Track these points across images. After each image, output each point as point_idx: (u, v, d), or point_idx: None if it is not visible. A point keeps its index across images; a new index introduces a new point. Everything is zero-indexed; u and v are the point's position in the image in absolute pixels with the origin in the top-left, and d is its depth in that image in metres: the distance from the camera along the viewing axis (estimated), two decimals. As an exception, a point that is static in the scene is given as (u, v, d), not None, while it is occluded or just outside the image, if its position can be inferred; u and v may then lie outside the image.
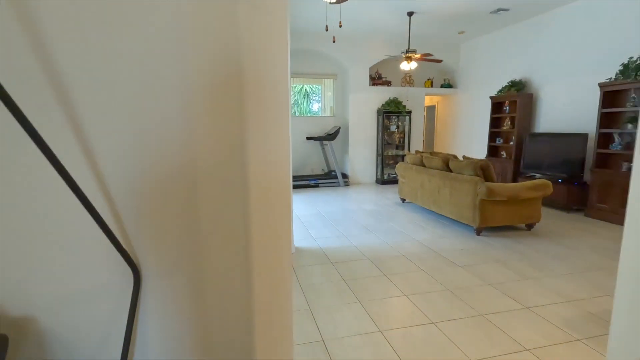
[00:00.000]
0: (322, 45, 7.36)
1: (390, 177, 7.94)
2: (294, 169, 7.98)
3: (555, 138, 5.46)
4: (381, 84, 7.90)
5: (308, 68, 7.86)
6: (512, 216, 4.11)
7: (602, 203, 4.75)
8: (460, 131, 8.19)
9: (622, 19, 4.70)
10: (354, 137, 7.87)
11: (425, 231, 4.28)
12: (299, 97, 10.79)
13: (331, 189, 7.26)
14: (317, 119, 8.17)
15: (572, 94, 5.46)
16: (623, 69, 4.46)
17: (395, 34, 7.14)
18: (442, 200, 4.61)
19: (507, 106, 6.43)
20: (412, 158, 5.49)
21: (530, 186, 4.02)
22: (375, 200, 6.19)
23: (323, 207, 5.64)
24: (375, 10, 5.73)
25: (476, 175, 4.12)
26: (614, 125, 4.75)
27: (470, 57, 7.78)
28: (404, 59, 6.02)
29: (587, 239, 3.97)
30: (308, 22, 6.38)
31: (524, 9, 5.71)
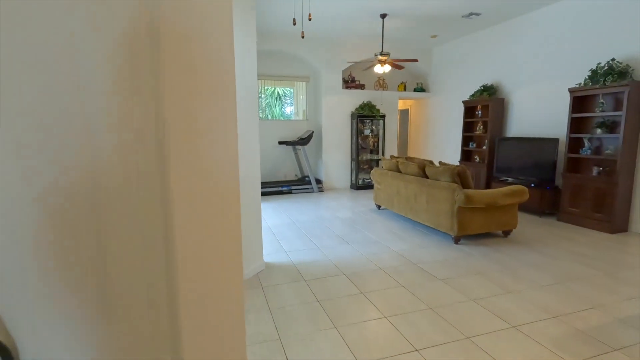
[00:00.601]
0: (294, 46, 7.11)
1: (365, 182, 7.79)
2: (265, 175, 7.66)
3: (526, 142, 5.48)
4: (355, 87, 7.74)
5: (280, 70, 7.58)
6: (490, 223, 4.01)
7: (574, 207, 4.77)
8: (434, 135, 8.17)
9: (591, 24, 4.76)
10: (328, 141, 7.66)
11: (403, 241, 4.10)
12: (271, 100, 10.49)
13: (305, 196, 6.99)
14: (290, 123, 7.90)
15: (542, 99, 5.50)
16: (592, 75, 4.50)
17: (368, 36, 7.01)
18: (419, 208, 4.46)
19: (479, 110, 6.44)
20: (387, 164, 5.33)
21: (507, 192, 3.94)
22: (350, 207, 5.98)
23: (296, 215, 5.37)
24: (348, 11, 5.55)
25: (453, 181, 4.00)
26: (584, 130, 4.79)
27: (442, 62, 7.79)
28: (377, 62, 5.88)
29: (563, 245, 3.93)
30: (278, 22, 6.11)
31: (495, 14, 5.73)
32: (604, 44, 4.62)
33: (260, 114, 8.00)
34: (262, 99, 8.73)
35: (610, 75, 4.27)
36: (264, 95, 9.28)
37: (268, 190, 7.08)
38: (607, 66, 4.36)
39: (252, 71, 2.96)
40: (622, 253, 3.66)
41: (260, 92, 8.09)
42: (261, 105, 8.24)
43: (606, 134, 4.44)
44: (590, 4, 4.76)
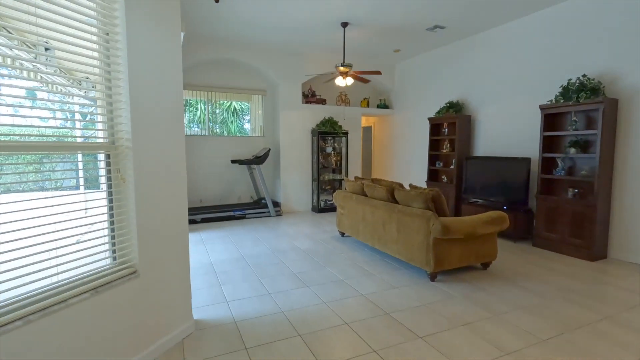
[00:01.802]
0: (250, 56, 6.47)
1: (328, 204, 7.16)
2: (217, 197, 6.80)
3: (496, 162, 5.16)
4: (315, 102, 7.20)
5: (235, 82, 6.88)
6: (469, 255, 3.50)
7: (550, 232, 4.43)
8: (399, 154, 7.79)
9: (559, 39, 4.57)
10: (287, 160, 6.99)
11: (371, 279, 3.46)
12: (227, 115, 9.72)
13: (260, 221, 6.21)
14: (245, 140, 7.16)
15: (512, 116, 5.24)
16: (563, 91, 4.25)
17: (329, 48, 6.53)
18: (389, 238, 3.87)
19: (445, 128, 6.11)
20: (351, 186, 4.74)
21: (487, 220, 3.46)
22: (311, 234, 5.29)
23: (248, 247, 4.58)
24: (307, 18, 5.02)
25: (427, 208, 3.46)
26: (556, 149, 4.52)
27: (405, 77, 7.49)
28: (339, 75, 5.37)
29: (547, 277, 3.50)
30: (232, 28, 5.45)
31: (460, 28, 5.47)
32: (573, 60, 4.42)
33: (217, 129, 7.22)
34: (218, 114, 7.94)
35: (583, 91, 4.02)
36: (219, 109, 8.50)
37: (218, 215, 6.22)
38: (578, 82, 4.13)
39: (173, 78, 2.24)
40: (612, 287, 3.27)
41: (215, 107, 7.31)
42: (216, 121, 7.45)
43: (580, 154, 4.17)
44: (557, 19, 4.58)
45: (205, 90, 6.72)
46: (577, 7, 4.35)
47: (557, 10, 4.58)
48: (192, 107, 8.82)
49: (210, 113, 7.08)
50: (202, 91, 6.71)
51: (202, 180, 6.71)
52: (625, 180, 4.00)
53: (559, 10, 4.55)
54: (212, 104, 7.06)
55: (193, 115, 8.89)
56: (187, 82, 6.47)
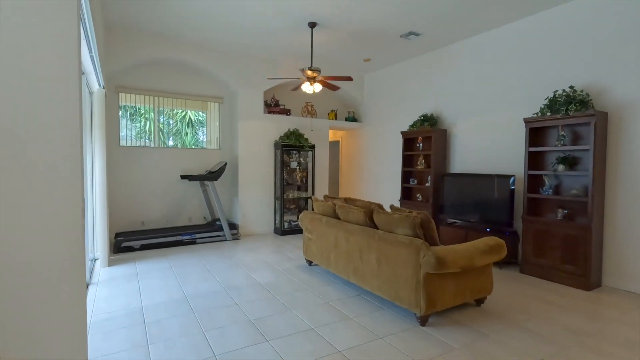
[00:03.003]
0: (206, 59, 5.71)
1: (292, 226, 6.42)
2: (163, 218, 5.82)
3: (476, 180, 4.74)
4: (279, 112, 6.53)
5: (189, 87, 6.05)
6: (463, 291, 2.92)
7: (540, 257, 4.01)
8: (369, 170, 7.27)
9: (543, 50, 4.29)
10: (246, 175, 6.21)
11: (349, 326, 2.76)
12: (181, 126, 8.74)
13: (214, 247, 5.33)
14: (198, 153, 6.28)
15: (493, 130, 4.88)
16: (550, 104, 3.93)
17: (295, 53, 5.94)
18: (367, 270, 3.21)
19: (420, 143, 5.67)
20: (321, 206, 4.07)
21: (484, 249, 2.92)
22: (273, 262, 4.51)
23: (193, 283, 3.71)
24: (270, 15, 4.40)
25: (415, 235, 2.86)
26: (543, 166, 4.17)
27: (376, 89, 7.07)
28: (306, 80, 4.76)
29: (550, 315, 3.00)
30: (187, 25, 4.68)
31: (436, 36, 5.11)
32: (557, 71, 4.14)
33: (171, 141, 6.26)
34: (171, 125, 6.98)
35: (572, 103, 3.70)
36: (173, 120, 7.53)
37: (162, 240, 5.25)
38: (565, 94, 3.82)
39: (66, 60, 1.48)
40: (625, 326, 2.82)
41: (168, 117, 6.38)
42: (169, 132, 6.50)
43: (569, 171, 3.83)
44: (539, 28, 4.32)
45: (154, 96, 5.82)
46: (561, 16, 4.11)
47: (538, 19, 4.32)
48: (141, 116, 7.80)
49: (161, 123, 6.15)
50: (149, 96, 5.80)
51: (145, 199, 5.72)
52: (617, 200, 3.69)
53: (541, 20, 4.29)
54: (165, 114, 6.14)
55: (142, 126, 7.86)
56: (131, 85, 5.55)
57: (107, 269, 4.16)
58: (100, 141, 4.19)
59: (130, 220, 5.61)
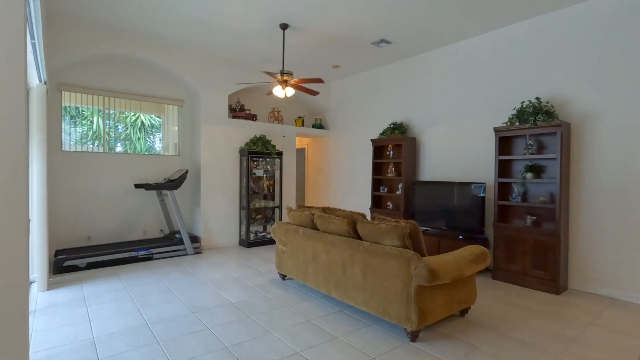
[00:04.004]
0: (165, 57, 5.25)
1: (259, 237, 6.08)
2: (113, 232, 5.20)
3: (448, 187, 4.79)
4: (244, 117, 6.21)
5: (144, 88, 5.54)
6: (451, 303, 2.83)
7: (511, 263, 4.10)
8: (336, 178, 7.15)
9: (511, 62, 4.46)
10: (209, 184, 5.78)
11: (336, 347, 2.54)
12: (132, 131, 8.02)
13: (174, 262, 4.84)
14: (155, 160, 5.75)
15: (462, 139, 4.98)
16: (518, 114, 4.06)
17: (264, 56, 5.69)
18: (351, 284, 3.03)
19: (390, 150, 5.66)
20: (297, 216, 3.83)
21: (471, 259, 2.86)
22: (242, 278, 4.17)
23: (155, 306, 3.27)
24: (240, 13, 4.13)
25: (403, 245, 2.73)
26: (512, 174, 4.30)
27: (343, 96, 7.01)
28: (278, 83, 4.54)
29: (531, 322, 3.01)
30: (143, 19, 4.25)
31: (407, 45, 5.14)
32: (524, 83, 4.32)
33: (119, 147, 5.63)
34: (121, 129, 6.31)
35: (539, 114, 3.86)
36: (122, 124, 6.83)
37: (112, 257, 4.67)
38: (532, 105, 3.98)
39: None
40: (604, 330, 2.90)
41: (118, 120, 5.75)
42: (117, 137, 5.85)
43: (537, 179, 3.97)
44: (507, 41, 4.49)
45: (104, 96, 5.23)
46: (528, 31, 4.31)
47: (506, 33, 4.50)
48: (87, 119, 7.01)
49: (109, 127, 5.53)
50: (98, 96, 5.21)
51: (92, 211, 5.08)
52: (580, 206, 3.88)
53: (508, 33, 4.47)
54: (114, 117, 5.54)
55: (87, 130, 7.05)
56: (77, 83, 4.94)
57: (45, 294, 3.56)
58: (40, 145, 3.62)
59: (73, 235, 4.94)
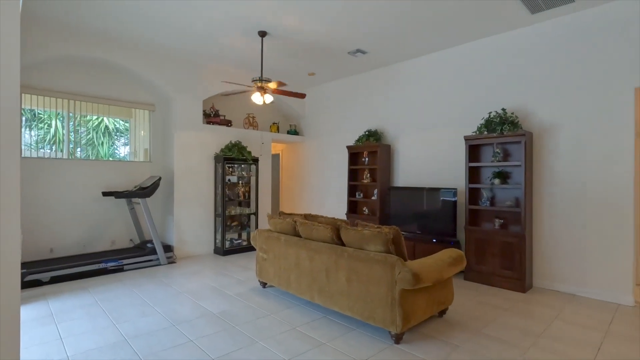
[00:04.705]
0: (136, 60, 5.08)
1: (235, 244, 5.99)
2: (78, 243, 4.92)
3: (422, 193, 4.99)
4: (219, 123, 6.12)
5: (111, 91, 5.31)
6: (432, 304, 2.96)
7: (481, 264, 4.33)
8: (311, 184, 7.21)
9: (479, 74, 4.74)
10: (182, 191, 5.63)
11: (325, 353, 2.58)
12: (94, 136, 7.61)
13: (146, 273, 4.66)
14: (124, 166, 5.52)
15: (435, 147, 5.21)
16: (486, 123, 4.33)
17: (241, 61, 5.66)
18: (335, 290, 3.08)
19: (366, 157, 5.81)
20: (278, 224, 3.83)
21: (450, 262, 3.01)
22: (221, 287, 4.09)
23: (131, 320, 3.14)
24: (218, 19, 4.10)
25: (387, 251, 2.82)
26: (481, 180, 4.56)
27: (319, 103, 7.10)
28: (257, 90, 4.53)
29: (504, 320, 3.21)
30: (110, 20, 4.09)
31: (382, 55, 5.32)
32: (493, 94, 4.61)
33: (79, 153, 5.32)
34: (81, 133, 5.97)
35: (506, 124, 4.14)
36: (84, 128, 6.47)
37: (79, 270, 4.42)
38: (499, 116, 4.26)
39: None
40: (568, 324, 3.15)
41: (79, 124, 5.45)
42: (78, 142, 5.54)
43: (503, 185, 4.24)
44: (476, 54, 4.78)
45: (67, 99, 4.97)
46: (496, 45, 4.60)
47: (476, 46, 4.78)
48: (44, 122, 6.57)
49: (71, 131, 5.24)
50: (61, 99, 4.94)
51: (54, 221, 4.78)
52: (542, 209, 4.19)
53: (478, 47, 4.76)
54: (75, 120, 5.25)
55: (45, 134, 6.61)
56: (37, 85, 4.66)
57: (7, 312, 3.30)
58: None
59: (34, 247, 4.62)
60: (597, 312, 3.41)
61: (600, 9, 3.76)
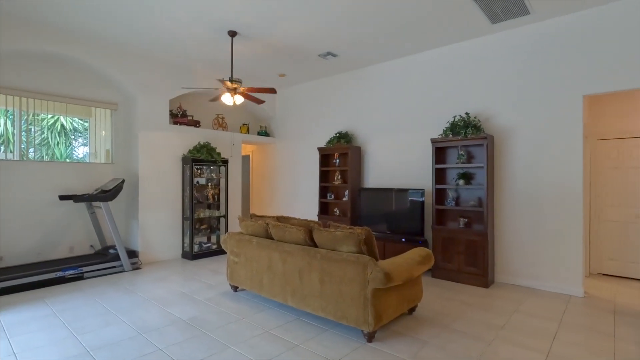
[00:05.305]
0: (98, 57, 4.83)
1: (204, 248, 5.84)
2: (33, 251, 4.60)
3: (391, 193, 5.12)
4: (187, 123, 5.95)
5: (69, 89, 5.01)
6: (402, 302, 3.05)
7: (447, 262, 4.51)
8: (282, 186, 7.18)
9: (445, 78, 4.93)
10: (148, 194, 5.42)
11: (299, 355, 2.58)
12: (49, 135, 7.12)
13: (109, 281, 4.43)
14: (83, 168, 5.23)
15: (404, 148, 5.35)
16: (451, 127, 4.52)
17: (210, 61, 5.54)
18: (308, 291, 3.09)
19: (337, 159, 5.87)
20: (250, 226, 3.79)
21: (419, 260, 3.12)
22: (191, 292, 3.98)
23: (94, 330, 2.98)
24: (187, 17, 3.99)
25: (359, 251, 2.88)
26: (447, 181, 4.75)
27: (289, 105, 7.08)
28: (227, 91, 4.46)
29: (469, 315, 3.37)
30: (69, 14, 3.86)
31: (352, 59, 5.41)
32: (457, 99, 4.81)
33: (32, 154, 4.95)
34: (35, 133, 5.57)
35: (469, 127, 4.34)
36: (37, 127, 6.03)
37: (33, 279, 4.14)
38: (462, 120, 4.46)
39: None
40: (526, 316, 3.35)
41: (31, 123, 5.08)
42: (30, 142, 5.15)
43: (467, 186, 4.45)
44: (444, 61, 4.97)
45: (18, 96, 4.63)
46: (460, 52, 4.81)
47: (442, 53, 4.98)
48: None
49: (23, 131, 4.88)
50: (11, 96, 4.59)
51: (4, 227, 4.44)
52: (502, 208, 4.43)
53: (443, 54, 4.96)
54: (28, 119, 4.90)
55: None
56: (-17, 80, 4.31)
57: (-50, 328, 3.03)
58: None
59: (-19, 256, 4.26)
60: (552, 303, 3.66)
61: (554, 21, 4.05)
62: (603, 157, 4.82)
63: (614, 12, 3.70)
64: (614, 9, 3.69)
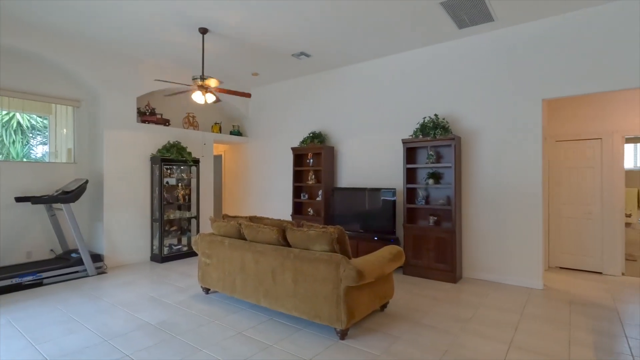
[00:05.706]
0: (60, 51, 4.58)
1: (174, 250, 5.68)
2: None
3: (363, 193, 5.20)
4: (156, 122, 5.76)
5: (26, 84, 4.72)
6: (374, 299, 3.11)
7: (418, 259, 4.64)
8: (256, 186, 7.11)
9: (415, 80, 5.06)
10: (114, 195, 5.20)
11: (272, 355, 2.57)
12: (3, 133, 6.67)
13: (72, 286, 4.22)
14: (41, 168, 4.94)
15: (376, 149, 5.44)
16: (421, 128, 4.66)
17: (180, 58, 5.39)
18: (281, 291, 3.09)
19: (310, 158, 5.89)
20: (222, 227, 3.72)
21: (390, 258, 3.19)
22: (160, 296, 3.86)
23: (54, 339, 2.82)
24: (153, 12, 3.87)
25: (332, 250, 2.91)
26: (417, 180, 4.88)
27: (262, 104, 7.03)
28: (198, 89, 4.36)
29: (437, 309, 3.48)
30: (28, 5, 3.65)
31: (325, 59, 5.44)
32: (427, 101, 4.96)
33: None
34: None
35: (438, 128, 4.49)
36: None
37: (-13, 287, 3.86)
38: (432, 121, 4.60)
39: None
40: (491, 309, 3.51)
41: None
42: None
43: (436, 185, 4.59)
44: (414, 63, 5.10)
45: (-33, 90, 4.32)
46: (430, 56, 4.96)
47: (412, 56, 5.11)
48: None
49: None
50: (-41, 90, 4.27)
51: (-47, 232, 4.12)
52: (469, 207, 4.61)
53: (413, 57, 5.09)
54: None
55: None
56: None
57: None
58: None
59: None
60: (515, 296, 3.85)
61: (517, 28, 4.26)
62: (561, 158, 5.13)
63: (570, 22, 3.94)
64: (570, 19, 3.94)
